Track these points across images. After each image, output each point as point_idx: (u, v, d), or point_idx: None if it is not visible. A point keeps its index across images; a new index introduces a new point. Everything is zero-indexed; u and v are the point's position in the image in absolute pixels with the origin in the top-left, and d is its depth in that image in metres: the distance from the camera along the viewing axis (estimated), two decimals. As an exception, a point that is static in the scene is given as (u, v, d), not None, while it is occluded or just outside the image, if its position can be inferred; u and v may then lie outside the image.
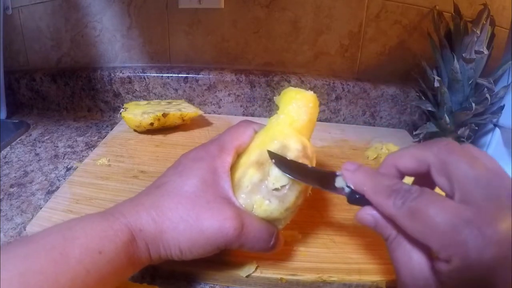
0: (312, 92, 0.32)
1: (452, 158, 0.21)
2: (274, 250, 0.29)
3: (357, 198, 0.25)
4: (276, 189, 0.27)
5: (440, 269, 0.20)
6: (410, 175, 0.25)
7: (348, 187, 0.26)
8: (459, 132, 0.51)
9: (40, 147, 0.53)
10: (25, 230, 0.36)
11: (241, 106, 0.64)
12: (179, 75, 0.62)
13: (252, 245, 0.27)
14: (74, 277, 0.20)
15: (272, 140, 0.29)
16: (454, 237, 0.19)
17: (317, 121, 0.33)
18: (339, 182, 0.26)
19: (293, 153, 0.28)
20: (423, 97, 0.54)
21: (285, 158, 0.28)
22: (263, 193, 0.27)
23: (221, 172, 0.28)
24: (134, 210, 0.25)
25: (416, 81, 0.55)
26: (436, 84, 0.49)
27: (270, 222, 0.28)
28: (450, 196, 0.21)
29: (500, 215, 0.19)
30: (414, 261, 0.22)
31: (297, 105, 0.30)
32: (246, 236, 0.26)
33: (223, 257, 0.32)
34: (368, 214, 0.24)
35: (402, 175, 0.25)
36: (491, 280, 0.18)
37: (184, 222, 0.25)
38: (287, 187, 0.27)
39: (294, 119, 0.30)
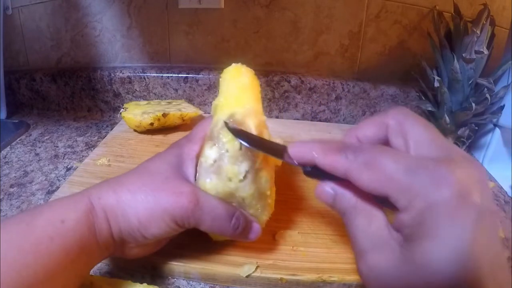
0: (236, 64, 0.32)
1: (409, 120, 0.22)
2: (240, 233, 0.29)
3: (310, 170, 0.24)
4: (210, 165, 0.27)
5: (402, 221, 0.19)
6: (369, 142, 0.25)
7: None
8: (459, 132, 0.51)
9: (40, 147, 0.53)
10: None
11: (241, 106, 0.64)
12: (179, 75, 0.62)
13: (211, 223, 0.27)
14: (38, 244, 0.21)
15: (214, 121, 0.29)
16: (411, 180, 0.19)
17: (317, 121, 0.33)
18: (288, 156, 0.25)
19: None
20: (423, 97, 0.54)
21: (239, 129, 0.27)
22: (203, 173, 0.28)
23: (185, 158, 0.29)
24: (97, 186, 0.27)
25: (416, 81, 0.54)
26: (436, 84, 0.49)
27: (242, 206, 0.29)
28: None
29: (452, 164, 0.19)
30: (373, 224, 0.21)
31: (225, 81, 0.31)
32: (202, 211, 0.26)
33: (223, 257, 0.32)
34: (325, 187, 0.23)
35: None
36: (451, 223, 0.18)
37: (142, 193, 0.26)
38: (222, 160, 0.27)
39: (225, 94, 0.30)
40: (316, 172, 0.23)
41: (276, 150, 0.26)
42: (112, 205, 0.26)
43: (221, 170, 0.27)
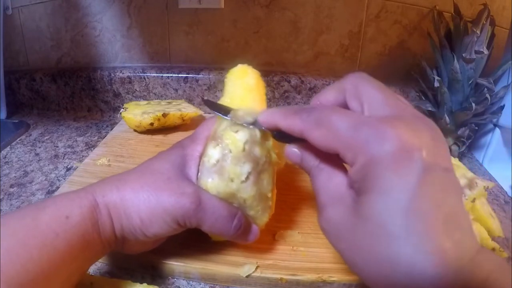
0: (242, 65, 0.32)
1: (364, 83, 0.23)
2: (240, 234, 0.29)
3: (277, 134, 0.25)
4: (213, 165, 0.28)
5: (351, 176, 0.21)
6: None
7: None
8: (459, 132, 0.51)
9: (40, 147, 0.53)
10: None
11: (241, 106, 0.64)
12: (179, 75, 0.62)
13: (212, 223, 0.27)
14: (44, 239, 0.22)
15: (218, 122, 0.30)
16: (355, 136, 0.19)
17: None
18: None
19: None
20: (423, 97, 0.54)
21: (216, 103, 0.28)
22: (205, 173, 0.28)
23: (188, 158, 0.29)
24: (101, 183, 0.28)
25: (416, 81, 0.55)
26: (436, 84, 0.49)
27: (242, 208, 0.29)
28: None
29: (399, 121, 0.19)
30: (333, 181, 0.22)
31: (230, 82, 0.31)
32: (204, 211, 0.27)
33: (223, 257, 0.32)
34: (292, 148, 0.24)
35: None
36: (393, 176, 0.18)
37: (144, 192, 0.26)
38: (225, 160, 0.27)
39: (231, 95, 0.30)
40: (283, 135, 0.25)
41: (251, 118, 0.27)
42: (115, 203, 0.26)
43: (223, 170, 0.27)
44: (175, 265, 0.32)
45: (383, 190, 0.18)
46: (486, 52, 0.46)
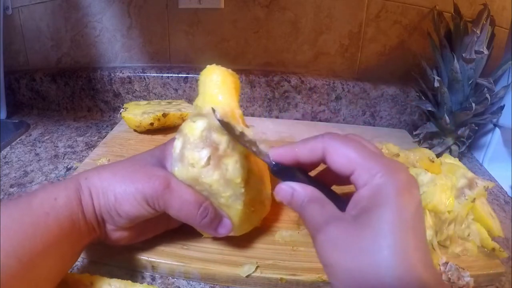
0: (210, 65, 0.34)
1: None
2: (208, 224, 0.30)
3: (277, 170, 0.26)
4: (177, 155, 0.30)
5: (361, 195, 0.22)
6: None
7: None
8: (459, 132, 0.51)
9: (40, 147, 0.53)
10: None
11: (240, 106, 0.63)
12: (179, 75, 0.62)
13: (179, 207, 0.29)
14: (36, 218, 0.25)
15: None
16: (374, 161, 0.23)
17: (317, 121, 0.33)
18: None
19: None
20: (423, 97, 0.54)
21: (227, 122, 0.28)
22: (173, 163, 0.30)
23: (167, 153, 0.32)
24: (86, 170, 0.30)
25: (416, 81, 0.55)
26: (436, 84, 0.49)
27: (211, 195, 0.29)
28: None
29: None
30: (326, 208, 0.24)
31: (201, 82, 0.33)
32: (171, 193, 0.28)
33: (223, 257, 0.32)
34: (285, 186, 0.26)
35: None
36: (401, 198, 0.21)
37: (121, 174, 0.29)
38: (185, 147, 0.29)
39: (202, 93, 0.32)
40: (282, 171, 0.26)
41: (258, 150, 0.27)
42: (95, 183, 0.28)
43: (183, 157, 0.29)
44: (175, 265, 0.32)
45: (390, 207, 0.21)
46: (486, 52, 0.46)
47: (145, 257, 0.32)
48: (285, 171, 0.26)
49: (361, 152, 0.23)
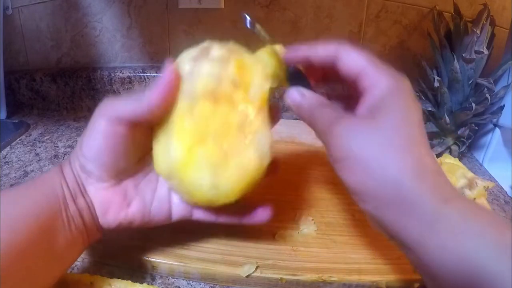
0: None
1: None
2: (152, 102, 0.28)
3: (294, 74, 0.29)
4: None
5: (372, 95, 0.25)
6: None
7: None
8: (459, 132, 0.51)
9: (40, 147, 0.53)
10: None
11: (241, 106, 0.64)
12: (179, 75, 0.62)
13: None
14: (35, 197, 0.26)
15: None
16: (385, 67, 0.26)
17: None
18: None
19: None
20: (423, 97, 0.54)
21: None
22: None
23: None
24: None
25: (416, 81, 0.54)
26: (436, 84, 0.49)
27: None
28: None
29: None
30: (338, 110, 0.26)
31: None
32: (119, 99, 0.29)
33: (223, 257, 0.32)
34: (296, 89, 0.28)
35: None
36: (412, 100, 0.24)
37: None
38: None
39: None
40: (298, 77, 0.29)
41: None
42: (76, 153, 0.28)
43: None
44: (175, 265, 0.32)
45: (404, 109, 0.23)
46: (486, 52, 0.46)
47: (145, 257, 0.32)
48: (296, 75, 0.28)
49: (371, 59, 0.26)
